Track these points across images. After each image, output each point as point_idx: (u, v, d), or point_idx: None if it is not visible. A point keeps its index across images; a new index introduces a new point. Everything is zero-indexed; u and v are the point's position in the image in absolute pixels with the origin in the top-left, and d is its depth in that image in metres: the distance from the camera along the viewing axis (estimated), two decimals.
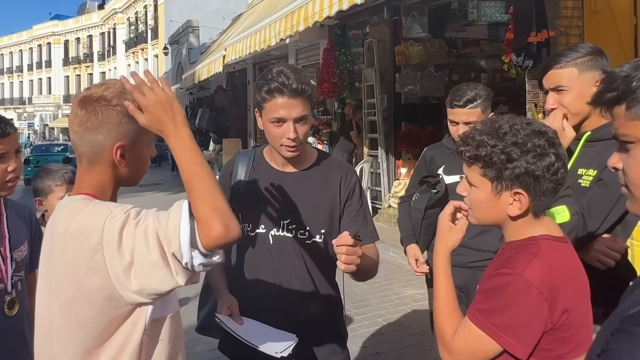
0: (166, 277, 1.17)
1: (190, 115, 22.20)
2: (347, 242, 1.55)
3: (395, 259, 6.83)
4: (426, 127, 8.74)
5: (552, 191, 1.28)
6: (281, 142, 1.83)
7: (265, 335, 1.77)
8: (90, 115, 1.29)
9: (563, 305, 1.22)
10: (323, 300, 1.98)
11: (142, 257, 1.17)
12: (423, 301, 5.22)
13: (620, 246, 1.81)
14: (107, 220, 1.20)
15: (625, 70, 0.87)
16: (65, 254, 1.25)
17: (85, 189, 1.33)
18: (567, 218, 1.73)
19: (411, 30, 8.52)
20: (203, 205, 1.16)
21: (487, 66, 9.82)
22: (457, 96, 2.50)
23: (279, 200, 1.93)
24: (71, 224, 1.25)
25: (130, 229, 1.19)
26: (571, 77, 1.83)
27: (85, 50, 52.85)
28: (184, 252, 1.14)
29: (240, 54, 9.53)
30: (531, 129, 1.27)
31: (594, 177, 1.83)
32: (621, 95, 0.87)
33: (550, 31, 5.30)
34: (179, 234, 1.14)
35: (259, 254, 1.93)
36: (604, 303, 1.33)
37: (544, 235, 1.30)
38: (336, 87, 9.78)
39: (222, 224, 1.14)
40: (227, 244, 1.19)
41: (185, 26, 23.88)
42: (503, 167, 1.26)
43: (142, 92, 1.24)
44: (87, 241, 1.21)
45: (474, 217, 1.39)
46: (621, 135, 0.89)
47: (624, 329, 0.78)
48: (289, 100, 1.78)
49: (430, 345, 4.18)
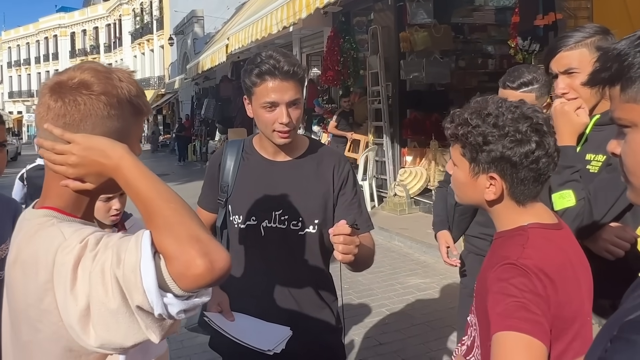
0: (132, 331, 0.91)
1: (196, 106, 22.22)
2: (345, 232, 1.48)
3: (400, 247, 6.76)
4: (432, 114, 8.63)
5: (533, 180, 1.22)
6: (273, 127, 1.76)
7: (258, 331, 1.72)
8: (69, 107, 1.02)
9: (555, 297, 1.15)
10: (317, 293, 1.92)
11: (100, 303, 0.91)
12: (428, 290, 5.16)
13: (630, 235, 1.72)
14: (59, 252, 0.95)
15: (619, 47, 0.80)
16: (15, 289, 1.02)
17: (52, 200, 1.08)
18: (572, 203, 1.67)
19: (416, 16, 8.40)
20: (170, 236, 0.90)
21: (495, 52, 9.67)
22: (512, 77, 2.31)
23: (270, 191, 1.86)
24: (22, 250, 1.02)
25: (87, 264, 0.92)
26: (582, 59, 1.74)
27: (92, 42, 53.01)
28: (154, 302, 0.89)
29: (243, 43, 9.46)
30: (518, 113, 1.20)
31: (603, 163, 1.75)
32: (615, 75, 0.80)
33: (558, 13, 5.18)
34: (140, 280, 0.88)
35: (250, 247, 1.87)
36: (612, 295, 1.26)
37: (533, 224, 1.24)
38: (341, 75, 9.68)
39: (203, 257, 0.88)
40: (214, 282, 0.91)
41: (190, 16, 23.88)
42: (479, 149, 1.22)
43: (59, 151, 1.03)
44: (37, 277, 0.97)
45: (457, 196, 1.37)
46: (617, 118, 0.82)
47: (623, 337, 0.72)
48: (281, 83, 1.71)
49: (434, 335, 4.13)
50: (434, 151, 8.31)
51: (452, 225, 2.59)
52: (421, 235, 6.60)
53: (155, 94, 33.56)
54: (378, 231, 7.18)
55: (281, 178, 1.87)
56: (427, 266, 5.93)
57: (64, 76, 1.06)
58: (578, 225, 1.67)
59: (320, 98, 11.21)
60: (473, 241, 2.54)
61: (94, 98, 1.03)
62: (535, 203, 1.28)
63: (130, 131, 1.09)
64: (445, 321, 4.33)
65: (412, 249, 6.59)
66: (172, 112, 31.67)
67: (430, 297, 5.01)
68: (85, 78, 1.04)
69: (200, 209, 1.99)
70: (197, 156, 20.88)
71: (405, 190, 8.19)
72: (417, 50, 8.43)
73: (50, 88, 1.05)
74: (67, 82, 1.04)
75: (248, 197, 1.87)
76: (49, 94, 1.04)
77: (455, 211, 2.50)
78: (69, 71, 1.08)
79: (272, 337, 1.70)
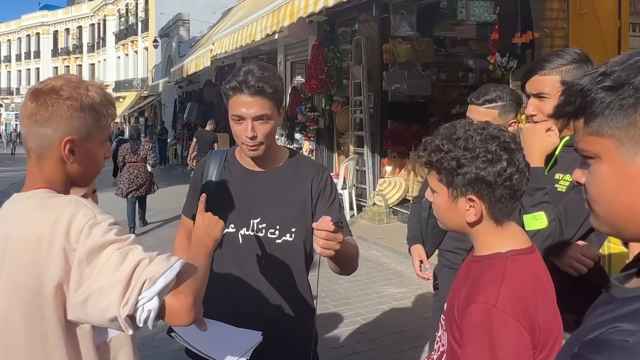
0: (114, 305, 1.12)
1: (179, 109, 22.08)
2: (328, 228, 1.51)
3: (378, 257, 6.82)
4: (412, 125, 8.74)
5: (509, 197, 1.25)
6: (242, 140, 1.82)
7: (227, 339, 1.74)
8: (40, 107, 1.24)
9: (537, 326, 1.19)
10: (292, 301, 1.95)
11: (99, 289, 1.13)
12: (403, 300, 5.22)
13: (594, 254, 1.79)
14: (86, 225, 1.17)
15: (582, 83, 0.82)
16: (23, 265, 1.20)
17: (40, 184, 1.28)
18: (544, 224, 1.71)
19: (399, 28, 8.50)
20: (191, 294, 1.18)
21: (475, 66, 9.83)
22: (478, 93, 2.41)
23: (248, 200, 1.90)
24: (23, 227, 1.21)
25: (111, 252, 1.15)
26: (554, 85, 1.78)
27: (75, 42, 52.39)
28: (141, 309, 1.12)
29: (227, 49, 9.47)
30: (485, 134, 1.24)
31: (571, 183, 1.80)
32: (578, 109, 0.83)
33: (535, 32, 5.31)
34: (151, 285, 1.12)
35: (227, 254, 1.89)
36: (575, 310, 1.30)
37: (510, 251, 1.27)
38: (324, 84, 9.73)
39: (192, 319, 1.17)
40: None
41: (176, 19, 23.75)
42: (454, 173, 1.24)
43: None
44: (52, 243, 1.17)
45: (440, 223, 1.38)
46: (581, 150, 0.85)
47: (581, 355, 0.76)
48: (247, 98, 1.77)
49: (407, 345, 4.18)
50: (414, 162, 8.40)
51: (426, 239, 2.63)
52: (398, 245, 6.66)
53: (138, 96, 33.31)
54: (356, 240, 7.18)
55: (260, 187, 1.91)
56: (402, 276, 6.00)
57: (43, 83, 1.30)
58: (549, 244, 1.72)
59: (304, 106, 11.25)
60: (447, 255, 2.59)
61: (60, 102, 1.25)
62: (510, 223, 1.30)
63: (94, 131, 1.30)
64: (419, 331, 4.39)
65: (389, 259, 6.66)
66: (154, 114, 31.44)
67: (405, 307, 5.07)
68: (56, 85, 1.26)
69: (184, 217, 2.04)
70: (178, 160, 20.74)
71: (384, 200, 8.27)
72: (399, 62, 8.52)
73: (30, 92, 1.29)
74: (43, 88, 1.27)
75: (227, 205, 1.90)
76: (28, 97, 1.28)
77: (429, 224, 2.54)
78: (48, 79, 1.31)
79: (242, 345, 1.72)
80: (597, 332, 0.75)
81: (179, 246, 2.04)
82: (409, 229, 2.79)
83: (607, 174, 0.81)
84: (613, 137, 0.79)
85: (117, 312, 1.09)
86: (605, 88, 0.78)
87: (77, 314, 1.16)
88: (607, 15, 5.08)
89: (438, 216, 1.36)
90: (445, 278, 2.56)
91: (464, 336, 1.21)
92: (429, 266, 2.68)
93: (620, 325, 0.73)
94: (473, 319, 1.18)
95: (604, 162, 0.81)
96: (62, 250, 1.14)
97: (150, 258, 1.15)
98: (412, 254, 2.69)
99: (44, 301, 1.17)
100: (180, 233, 2.08)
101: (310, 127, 11.02)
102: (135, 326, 1.12)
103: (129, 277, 1.11)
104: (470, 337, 1.18)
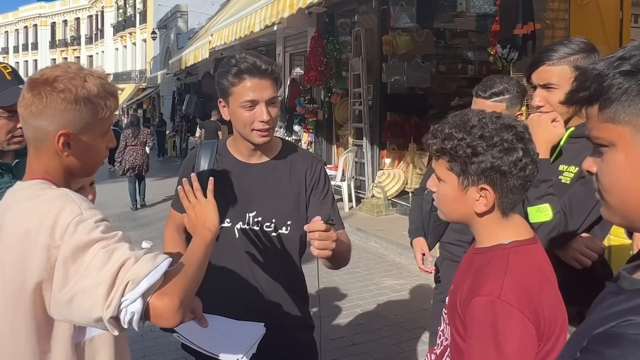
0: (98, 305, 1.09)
1: (177, 101, 22.03)
2: (319, 228, 1.50)
3: (377, 249, 6.82)
4: (411, 117, 8.73)
5: (520, 188, 1.23)
6: (253, 126, 1.77)
7: (231, 334, 1.72)
8: (35, 99, 1.21)
9: (542, 318, 1.17)
10: (290, 292, 1.94)
11: (83, 288, 1.10)
12: (401, 291, 5.22)
13: (598, 246, 1.77)
14: (72, 222, 1.13)
15: (598, 68, 0.79)
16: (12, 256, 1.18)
17: (38, 174, 1.26)
18: (550, 217, 1.69)
19: (399, 19, 8.47)
20: (177, 295, 1.14)
21: (475, 58, 9.79)
22: (484, 86, 2.36)
23: (243, 193, 1.87)
24: (17, 217, 1.19)
25: (96, 251, 1.12)
26: (562, 75, 1.75)
27: (73, 33, 52.15)
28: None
29: (226, 40, 9.42)
30: (500, 123, 1.22)
31: (575, 174, 1.79)
32: (593, 95, 0.80)
33: (537, 23, 5.27)
34: (134, 286, 1.09)
35: (224, 249, 1.87)
36: (579, 302, 1.30)
37: (513, 242, 1.25)
38: (323, 76, 9.69)
39: (178, 320, 1.14)
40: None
41: (174, 11, 23.68)
42: (469, 161, 1.21)
43: (190, 200, 1.53)
44: (38, 235, 1.15)
45: (442, 213, 1.35)
46: (594, 137, 0.82)
47: (592, 349, 0.74)
48: (259, 81, 1.73)
49: (406, 336, 4.18)
50: (412, 154, 8.39)
51: (428, 232, 2.62)
52: (397, 237, 6.66)
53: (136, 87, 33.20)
54: (355, 232, 7.23)
55: (254, 180, 1.88)
56: (401, 267, 6.00)
57: (39, 74, 1.25)
58: (554, 236, 1.70)
59: (302, 98, 11.21)
60: (448, 248, 2.58)
61: (54, 94, 1.20)
62: (514, 214, 1.29)
63: (89, 125, 1.26)
64: (417, 322, 4.39)
65: (388, 250, 6.65)
66: (152, 106, 31.36)
67: (404, 298, 5.07)
68: (52, 76, 1.22)
69: (174, 211, 1.96)
70: (177, 152, 20.71)
71: (383, 192, 8.26)
72: (399, 53, 8.49)
73: (28, 82, 1.25)
74: (39, 78, 1.23)
75: (222, 199, 1.86)
76: (26, 87, 1.25)
77: (431, 217, 2.53)
78: (46, 68, 1.27)
79: (246, 339, 1.70)
80: (608, 325, 0.73)
81: (169, 241, 1.95)
82: (410, 222, 2.77)
83: (622, 162, 0.78)
84: (630, 124, 0.76)
85: (101, 313, 1.08)
86: (624, 73, 0.76)
87: (63, 313, 1.13)
88: (609, 6, 5.04)
89: (441, 206, 1.33)
90: (447, 271, 2.55)
91: (468, 329, 1.19)
92: (432, 259, 2.66)
93: (633, 319, 0.71)
94: (476, 312, 1.16)
95: (619, 149, 0.78)
96: (45, 248, 1.12)
97: (136, 257, 1.12)
98: (414, 247, 2.68)
99: (24, 296, 1.16)
100: (169, 228, 1.98)
101: (309, 119, 10.99)
102: (121, 327, 1.10)
103: (113, 277, 1.08)
104: (474, 330, 1.17)
